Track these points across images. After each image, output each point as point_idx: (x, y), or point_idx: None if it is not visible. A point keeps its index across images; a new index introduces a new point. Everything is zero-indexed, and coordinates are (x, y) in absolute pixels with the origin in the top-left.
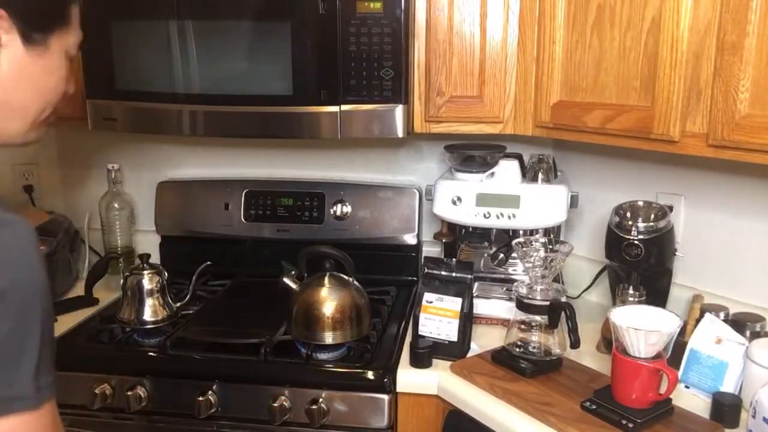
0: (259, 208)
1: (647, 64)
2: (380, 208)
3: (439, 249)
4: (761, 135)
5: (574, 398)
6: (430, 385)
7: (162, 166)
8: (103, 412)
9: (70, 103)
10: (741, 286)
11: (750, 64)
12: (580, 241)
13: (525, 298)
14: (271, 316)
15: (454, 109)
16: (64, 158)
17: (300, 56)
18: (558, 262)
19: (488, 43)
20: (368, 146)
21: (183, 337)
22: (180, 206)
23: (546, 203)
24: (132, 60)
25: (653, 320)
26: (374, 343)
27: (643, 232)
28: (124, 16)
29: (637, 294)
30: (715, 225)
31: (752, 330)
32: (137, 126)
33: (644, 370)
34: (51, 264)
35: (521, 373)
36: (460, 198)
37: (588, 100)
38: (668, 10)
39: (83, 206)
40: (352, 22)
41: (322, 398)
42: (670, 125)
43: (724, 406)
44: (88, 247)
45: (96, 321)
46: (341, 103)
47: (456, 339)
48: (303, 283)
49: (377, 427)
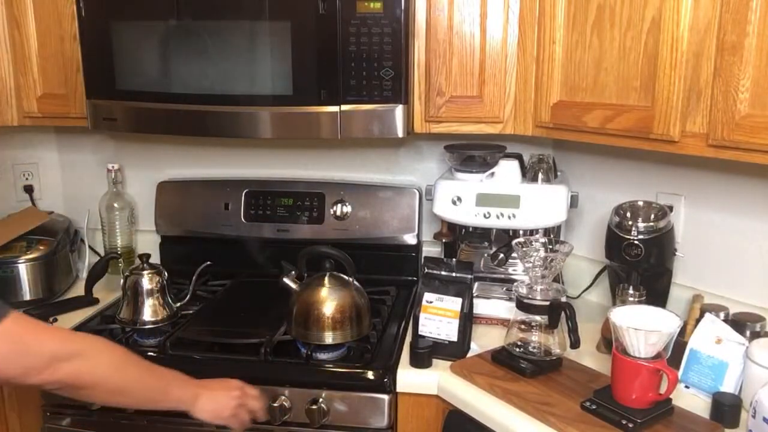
0: (259, 208)
1: (647, 64)
2: (380, 208)
3: (439, 249)
4: (761, 135)
5: (574, 398)
6: (430, 385)
7: (162, 166)
8: (103, 412)
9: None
10: (741, 286)
11: (750, 64)
12: (580, 241)
13: (525, 298)
14: (271, 316)
15: (454, 109)
16: (64, 158)
17: (300, 56)
18: (558, 262)
19: (488, 43)
20: (368, 146)
21: (183, 337)
22: (180, 206)
23: (546, 203)
24: (132, 60)
25: (653, 320)
26: (374, 343)
27: (643, 232)
28: (124, 16)
29: (637, 294)
30: (715, 225)
31: (752, 330)
32: (137, 126)
33: (644, 370)
34: (51, 264)
35: (521, 373)
36: (460, 198)
37: (588, 100)
38: (668, 10)
39: (83, 206)
40: (352, 22)
41: (322, 398)
42: (670, 125)
43: (724, 406)
44: (88, 247)
45: (96, 321)
46: (341, 103)
47: (456, 339)
48: (303, 283)
49: (377, 427)
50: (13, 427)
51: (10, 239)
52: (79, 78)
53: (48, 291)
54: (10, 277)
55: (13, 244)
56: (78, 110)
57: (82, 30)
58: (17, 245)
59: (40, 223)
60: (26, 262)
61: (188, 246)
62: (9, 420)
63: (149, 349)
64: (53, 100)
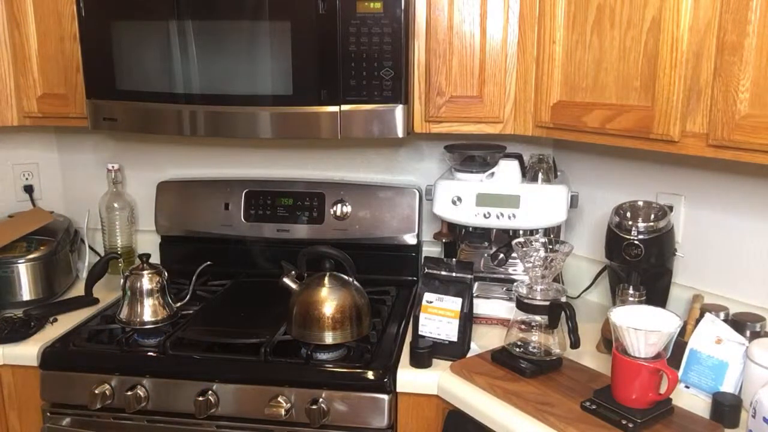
0: (259, 208)
1: (647, 64)
2: (380, 208)
3: (439, 249)
4: (761, 135)
5: (574, 398)
6: (430, 385)
7: (162, 166)
8: (103, 412)
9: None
10: (741, 286)
11: (750, 64)
12: (580, 241)
13: (525, 298)
14: (271, 316)
15: (454, 109)
16: (64, 158)
17: (300, 56)
18: (558, 262)
19: (488, 43)
20: (368, 146)
21: (183, 337)
22: (180, 206)
23: (546, 203)
24: (132, 60)
25: (653, 320)
26: (374, 343)
27: (643, 232)
28: (124, 16)
29: (637, 294)
30: (715, 225)
31: (752, 330)
32: (137, 126)
33: (644, 370)
34: (51, 264)
35: (521, 373)
36: (460, 198)
37: (588, 100)
38: (668, 10)
39: (83, 206)
40: (352, 22)
41: (322, 398)
42: (670, 125)
43: (724, 406)
44: (88, 247)
45: (96, 321)
46: (341, 103)
47: (456, 339)
48: (303, 283)
49: (377, 427)
50: (13, 427)
51: (15, 239)
52: (79, 78)
53: (48, 291)
54: (10, 277)
55: (14, 244)
56: (78, 110)
57: (82, 30)
58: (17, 245)
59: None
60: (26, 262)
61: (188, 246)
62: (9, 420)
63: (149, 349)
64: (53, 100)
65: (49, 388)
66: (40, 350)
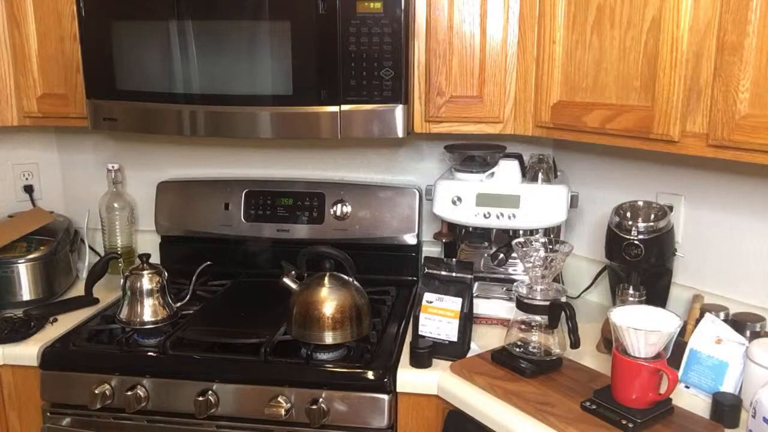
0: (259, 208)
1: (647, 64)
2: (380, 208)
3: (439, 249)
4: (761, 135)
5: (574, 398)
6: (430, 385)
7: (162, 166)
8: (103, 412)
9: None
10: (741, 286)
11: (750, 64)
12: (580, 241)
13: (525, 298)
14: (271, 316)
15: (454, 109)
16: (64, 158)
17: (300, 56)
18: (558, 262)
19: (488, 43)
20: (368, 146)
21: (183, 337)
22: (180, 206)
23: (546, 203)
24: (132, 60)
25: (653, 320)
26: (374, 343)
27: (643, 232)
28: (124, 16)
29: (637, 294)
30: (715, 225)
31: (752, 330)
32: (137, 126)
33: (644, 370)
34: (51, 264)
35: (521, 373)
36: (460, 198)
37: (588, 100)
38: (668, 10)
39: (83, 206)
40: (352, 22)
41: (322, 398)
42: (670, 125)
43: (724, 406)
44: (88, 247)
45: (96, 321)
46: (341, 103)
47: (456, 339)
48: (303, 283)
49: (377, 427)
50: (13, 427)
51: (15, 239)
52: (79, 78)
53: (48, 291)
54: (10, 277)
55: (14, 244)
56: (78, 110)
57: (82, 30)
58: (17, 245)
59: (45, 224)
60: (26, 262)
61: (188, 246)
62: (9, 420)
63: (149, 349)
64: (53, 100)
65: (49, 388)
66: (40, 350)
